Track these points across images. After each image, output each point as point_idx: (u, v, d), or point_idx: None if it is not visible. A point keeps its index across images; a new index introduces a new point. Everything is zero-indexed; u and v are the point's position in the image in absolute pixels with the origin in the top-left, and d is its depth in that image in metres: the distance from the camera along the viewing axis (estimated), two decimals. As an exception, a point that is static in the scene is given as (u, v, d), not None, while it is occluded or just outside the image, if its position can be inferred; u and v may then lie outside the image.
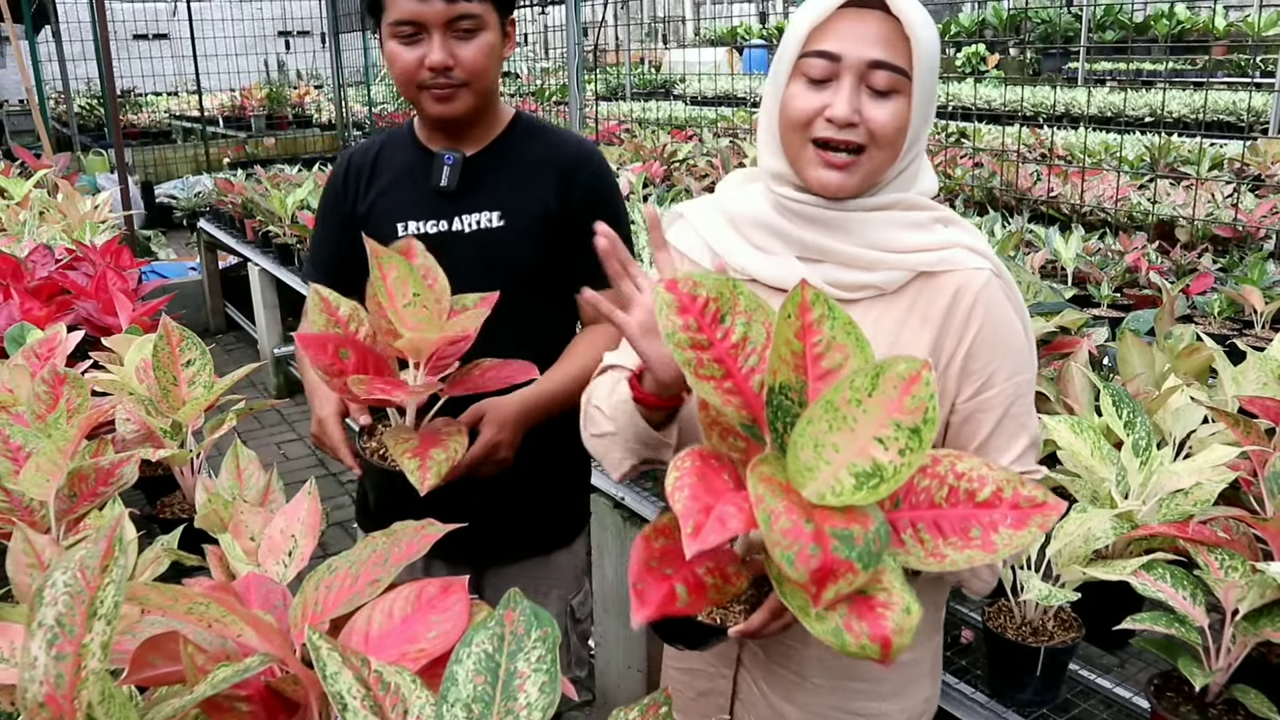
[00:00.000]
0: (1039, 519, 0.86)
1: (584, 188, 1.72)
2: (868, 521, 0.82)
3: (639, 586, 0.87)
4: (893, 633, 0.80)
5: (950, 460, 0.90)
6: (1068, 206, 4.65)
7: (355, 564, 1.07)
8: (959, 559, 0.86)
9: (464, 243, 1.68)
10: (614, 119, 8.21)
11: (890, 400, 0.82)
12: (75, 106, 9.32)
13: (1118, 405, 1.63)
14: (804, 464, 0.84)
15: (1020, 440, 1.21)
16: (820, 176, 1.17)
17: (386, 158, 1.77)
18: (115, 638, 1.11)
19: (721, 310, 0.94)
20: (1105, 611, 1.50)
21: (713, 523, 0.80)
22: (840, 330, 0.90)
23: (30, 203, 3.68)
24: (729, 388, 0.92)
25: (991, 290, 1.20)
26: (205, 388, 1.79)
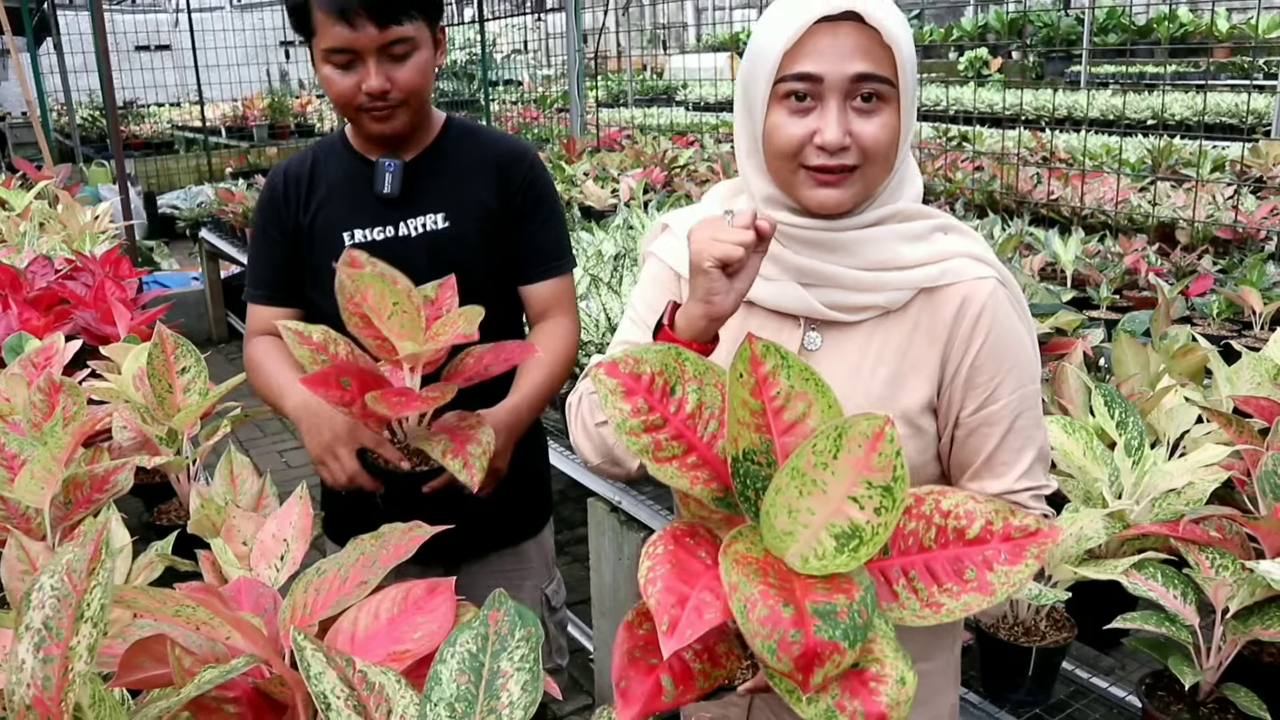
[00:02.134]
0: (1034, 549, 0.83)
1: (522, 184, 1.74)
2: (853, 590, 0.78)
3: (622, 685, 0.82)
4: (888, 708, 0.76)
5: (934, 498, 0.86)
6: (1068, 209, 4.65)
7: (344, 566, 1.08)
8: (955, 606, 0.82)
9: (411, 247, 1.71)
10: (615, 125, 8.22)
11: (858, 459, 0.79)
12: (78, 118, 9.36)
13: (1110, 405, 1.63)
14: (781, 530, 0.81)
15: (1027, 454, 1.18)
16: (817, 196, 1.13)
17: (322, 168, 1.77)
18: (104, 641, 1.12)
19: (670, 382, 0.90)
20: (1100, 612, 1.50)
21: (689, 616, 0.76)
22: (798, 378, 0.86)
23: (31, 214, 3.70)
24: (693, 461, 0.88)
25: (997, 300, 1.17)
26: (200, 395, 1.79)
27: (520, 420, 1.64)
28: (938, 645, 1.30)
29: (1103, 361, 2.27)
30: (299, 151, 1.85)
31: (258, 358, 1.73)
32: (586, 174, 5.81)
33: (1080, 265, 3.38)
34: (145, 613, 0.96)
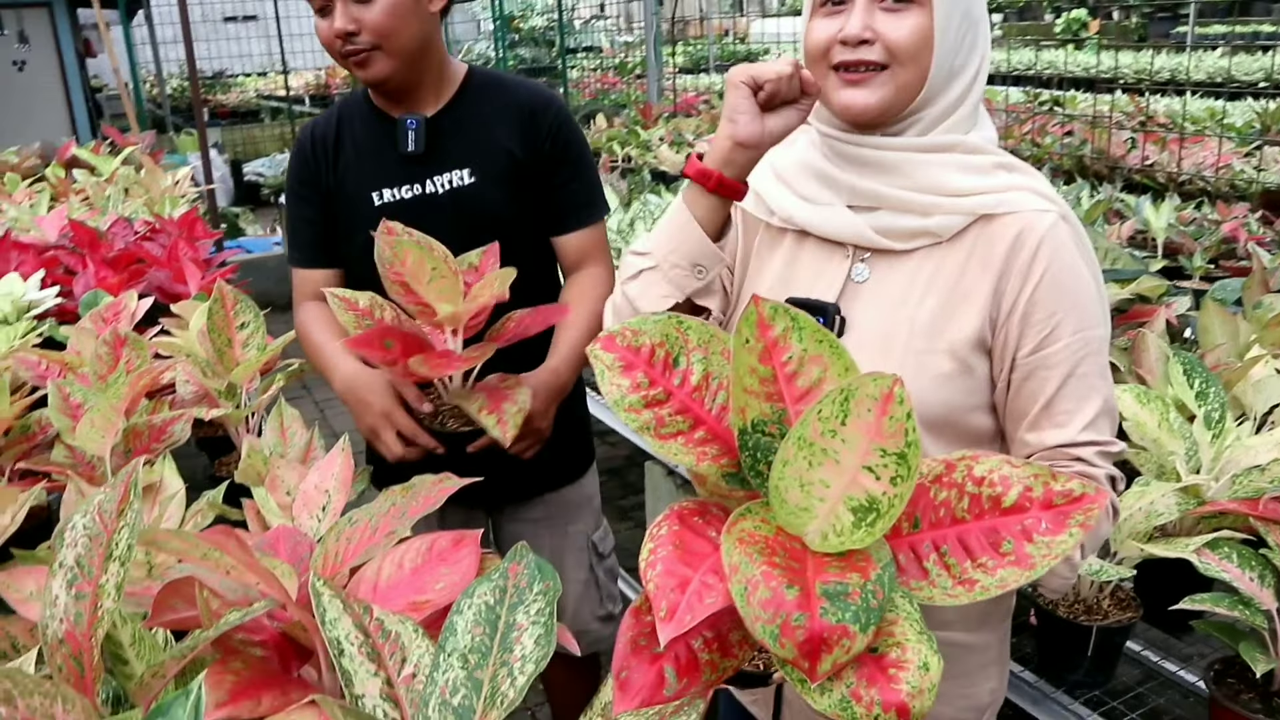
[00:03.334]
0: (1079, 516, 0.75)
1: (549, 132, 1.71)
2: (869, 568, 0.73)
3: (622, 675, 0.76)
4: (909, 697, 0.69)
5: (966, 464, 0.79)
6: (1164, 175, 4.45)
7: (374, 516, 1.08)
8: (990, 583, 0.75)
9: (439, 204, 1.69)
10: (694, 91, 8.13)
11: (868, 425, 0.72)
12: (168, 89, 9.62)
13: (1189, 374, 1.54)
14: (795, 506, 0.75)
15: (1091, 403, 1.09)
16: (842, 99, 1.11)
17: (347, 129, 1.75)
18: (146, 582, 1.14)
19: (672, 353, 0.84)
20: (1171, 593, 1.42)
21: (689, 601, 0.71)
22: (810, 340, 0.79)
23: (116, 179, 3.80)
24: (700, 436, 0.82)
25: (1058, 234, 1.10)
26: (259, 349, 1.82)
27: (561, 380, 1.64)
28: (986, 618, 1.24)
29: (1189, 332, 2.16)
30: (324, 111, 1.84)
31: (305, 327, 1.75)
32: (661, 139, 5.76)
33: (1173, 233, 3.23)
34: (176, 555, 0.96)
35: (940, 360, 1.11)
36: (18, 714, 0.80)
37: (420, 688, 0.84)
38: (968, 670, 1.25)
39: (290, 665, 0.97)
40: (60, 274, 2.59)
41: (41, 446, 1.66)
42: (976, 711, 1.28)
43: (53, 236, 2.97)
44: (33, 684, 0.79)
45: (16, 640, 1.12)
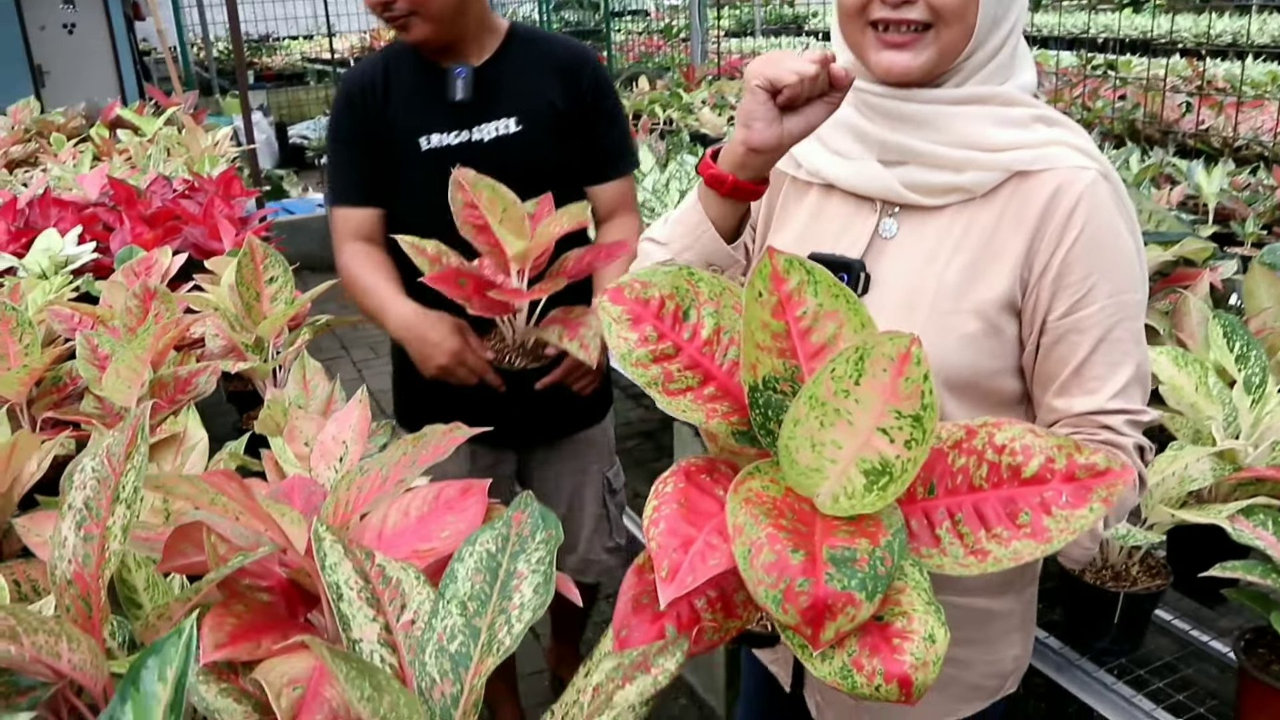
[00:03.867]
0: (1101, 490, 0.72)
1: (589, 86, 1.80)
2: (879, 534, 0.70)
3: (622, 634, 0.75)
4: (912, 668, 0.67)
5: (987, 431, 0.76)
6: (1219, 139, 4.32)
7: (385, 465, 1.07)
8: (1003, 554, 0.72)
9: (485, 151, 1.75)
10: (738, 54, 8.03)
11: (883, 385, 0.70)
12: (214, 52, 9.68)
13: (1229, 337, 1.49)
14: (806, 467, 0.73)
15: (1123, 370, 1.05)
16: (881, 60, 1.06)
17: (394, 75, 1.80)
18: (160, 527, 1.15)
19: (682, 306, 0.82)
20: (1203, 561, 1.39)
21: (691, 561, 0.69)
22: (827, 295, 0.76)
23: (158, 139, 3.84)
24: (710, 393, 0.80)
25: (1097, 192, 1.05)
26: (286, 303, 1.82)
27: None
28: (1009, 584, 1.21)
29: (1235, 298, 2.09)
30: (367, 58, 1.91)
31: (352, 269, 1.80)
32: (704, 102, 5.70)
33: (1225, 198, 3.14)
34: (184, 499, 0.97)
35: (966, 321, 1.07)
36: (24, 651, 0.81)
37: (419, 634, 0.83)
38: (990, 636, 1.22)
39: (297, 610, 0.97)
40: (99, 230, 2.63)
41: (72, 397, 1.68)
42: (999, 678, 1.26)
43: (93, 194, 3.01)
44: (37, 622, 0.80)
45: (38, 584, 1.14)
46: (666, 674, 0.83)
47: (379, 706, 0.69)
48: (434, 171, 1.70)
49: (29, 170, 3.69)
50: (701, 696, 2.53)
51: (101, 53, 9.11)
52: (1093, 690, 1.42)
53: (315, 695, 0.77)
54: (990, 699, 1.27)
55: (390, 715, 0.70)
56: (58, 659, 0.81)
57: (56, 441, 1.36)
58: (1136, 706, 1.38)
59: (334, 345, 5.08)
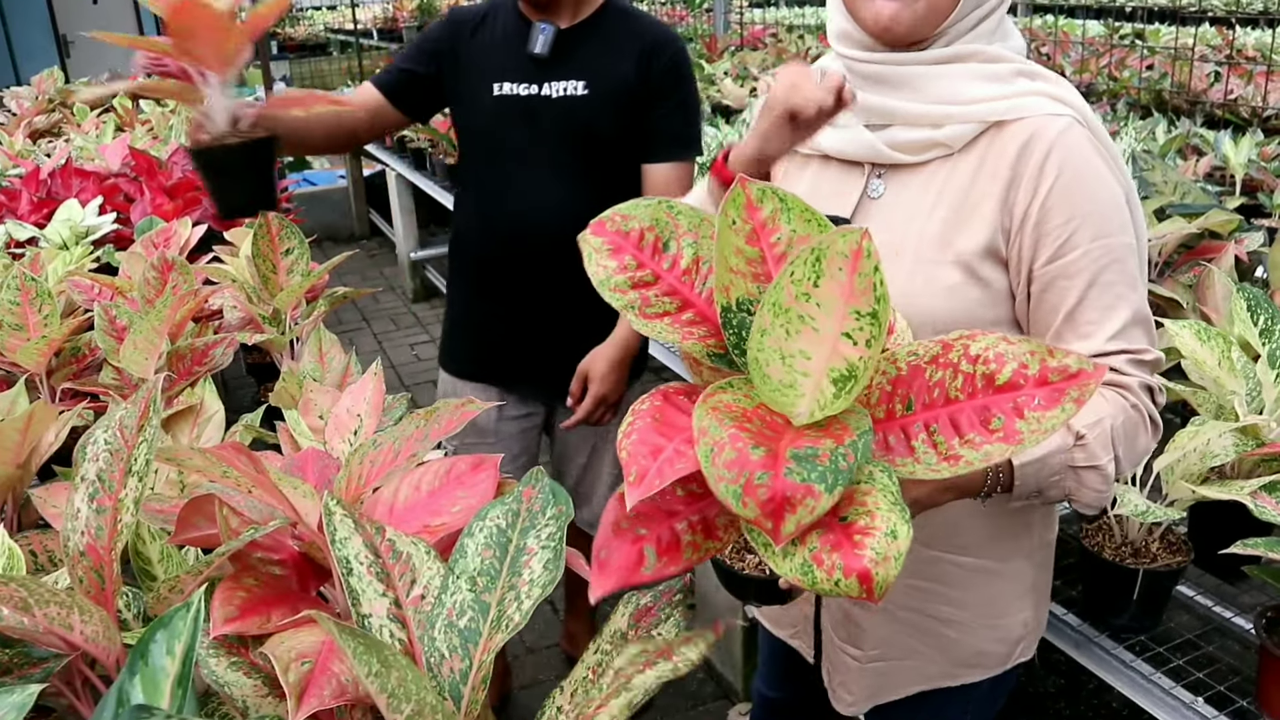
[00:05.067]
0: (1074, 392, 0.72)
1: (664, 68, 1.86)
2: (844, 434, 0.70)
3: (601, 555, 0.75)
4: (871, 563, 0.67)
5: (962, 344, 0.76)
6: (1248, 109, 4.23)
7: (398, 439, 1.07)
8: (975, 457, 0.73)
9: (551, 106, 1.85)
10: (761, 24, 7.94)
11: (841, 285, 0.70)
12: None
13: (1253, 310, 1.47)
14: (779, 382, 0.73)
15: (1118, 313, 1.04)
16: (872, 9, 1.07)
17: (491, 20, 1.92)
18: (175, 500, 1.15)
19: (662, 238, 0.83)
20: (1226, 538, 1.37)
21: (659, 466, 0.70)
22: (799, 220, 0.77)
23: (180, 109, 3.83)
24: (689, 318, 0.81)
25: (1070, 138, 1.05)
26: (303, 275, 1.82)
27: (626, 349, 1.87)
28: (1015, 546, 1.21)
29: (1260, 270, 2.06)
30: (474, 3, 2.02)
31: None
32: (726, 73, 5.64)
33: (1253, 169, 3.07)
34: (198, 472, 0.97)
35: (949, 271, 1.08)
36: (37, 623, 0.81)
37: (428, 609, 0.83)
38: (993, 597, 1.22)
39: (308, 584, 0.98)
40: (120, 201, 2.63)
41: (91, 368, 1.69)
42: (1009, 644, 1.25)
43: (115, 165, 3.02)
44: (49, 594, 0.80)
45: (54, 554, 1.15)
46: (688, 662, 0.83)
47: (387, 682, 0.69)
48: (499, 116, 1.85)
49: (52, 140, 3.70)
50: (719, 670, 2.54)
51: (126, 22, 9.13)
52: (1111, 667, 1.41)
53: (324, 670, 0.77)
54: (1001, 666, 1.26)
55: (398, 690, 0.70)
56: (70, 631, 0.81)
57: (74, 413, 1.37)
58: (1155, 684, 1.37)
59: (355, 317, 5.09)
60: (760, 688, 1.60)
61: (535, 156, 1.88)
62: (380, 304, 5.25)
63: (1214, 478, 1.39)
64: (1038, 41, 5.96)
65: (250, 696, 0.80)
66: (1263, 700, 1.29)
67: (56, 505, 1.15)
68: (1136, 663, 1.41)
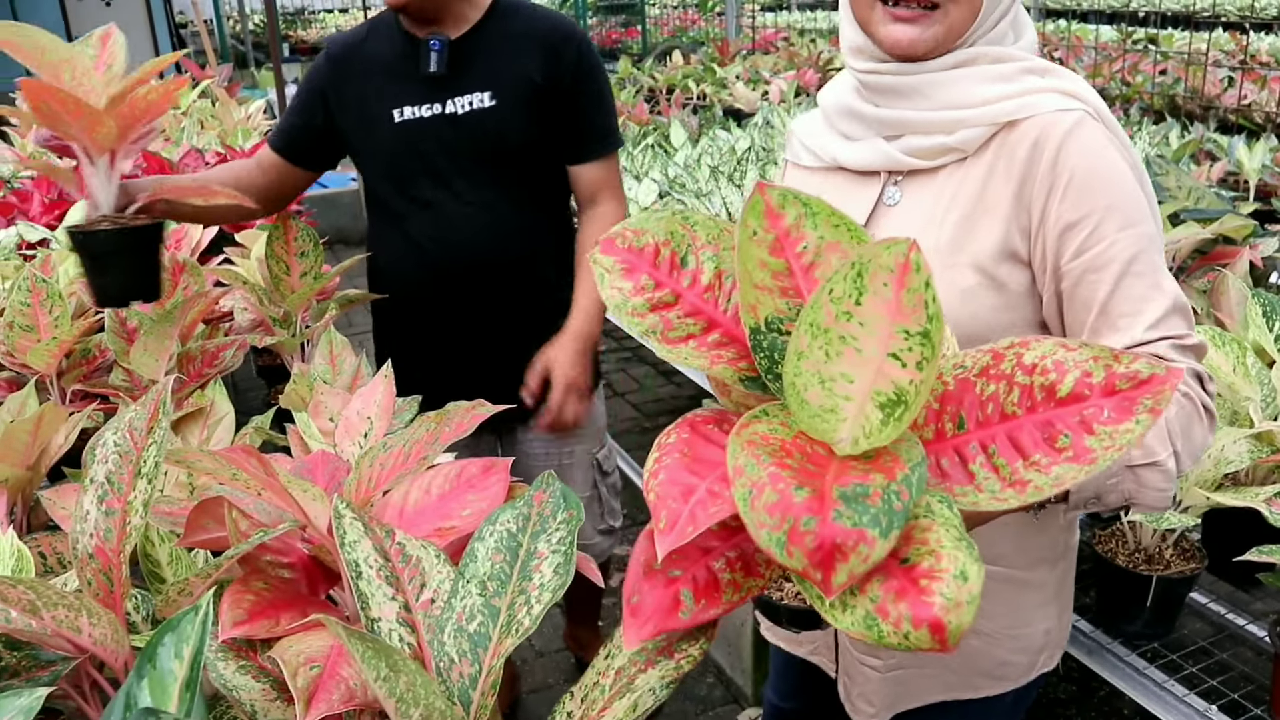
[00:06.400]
0: (1148, 400, 0.64)
1: (570, 62, 1.75)
2: (895, 468, 0.64)
3: (633, 600, 0.69)
4: (943, 610, 0.60)
5: (1014, 353, 0.70)
6: (1261, 114, 4.21)
7: (408, 442, 1.07)
8: (1044, 482, 0.65)
9: (458, 124, 1.73)
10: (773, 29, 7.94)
11: (887, 302, 0.63)
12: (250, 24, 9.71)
13: (1268, 316, 1.46)
14: (819, 407, 0.67)
15: (1154, 303, 1.00)
16: (890, 33, 1.06)
17: (373, 46, 1.79)
18: (184, 502, 1.15)
19: (679, 253, 0.77)
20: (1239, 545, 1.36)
21: (692, 510, 0.64)
22: (827, 226, 0.71)
23: (192, 111, 3.85)
24: (715, 339, 0.74)
25: (1083, 132, 1.03)
26: (315, 277, 1.82)
27: (588, 335, 1.78)
28: (1042, 554, 1.19)
29: (1275, 276, 2.04)
30: (356, 26, 1.90)
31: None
32: (738, 76, 5.64)
33: (1267, 174, 3.06)
34: (207, 474, 0.97)
35: (964, 274, 1.07)
36: (45, 625, 0.81)
37: (438, 613, 0.83)
38: (1020, 608, 1.21)
39: (318, 588, 0.97)
40: (131, 204, 2.64)
41: (101, 370, 1.70)
42: (1031, 653, 1.24)
43: (126, 167, 3.02)
44: (57, 596, 0.80)
45: (63, 556, 1.15)
46: (690, 659, 0.82)
47: (395, 686, 0.69)
48: (405, 143, 1.74)
49: (63, 144, 3.71)
50: (729, 676, 2.53)
51: (138, 25, 9.16)
52: (1123, 674, 1.40)
53: (332, 674, 0.76)
54: (1024, 677, 1.24)
55: (407, 695, 0.69)
56: (78, 633, 0.81)
57: (84, 414, 1.37)
58: (1168, 691, 1.36)
59: (365, 320, 5.07)
60: (771, 697, 1.59)
61: (451, 178, 1.76)
62: (390, 307, 5.24)
63: (1228, 484, 1.38)
64: (1050, 46, 5.95)
65: (259, 701, 0.80)
66: (1277, 708, 1.28)
67: (66, 507, 1.15)
68: (1149, 669, 1.40)
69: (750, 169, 2.65)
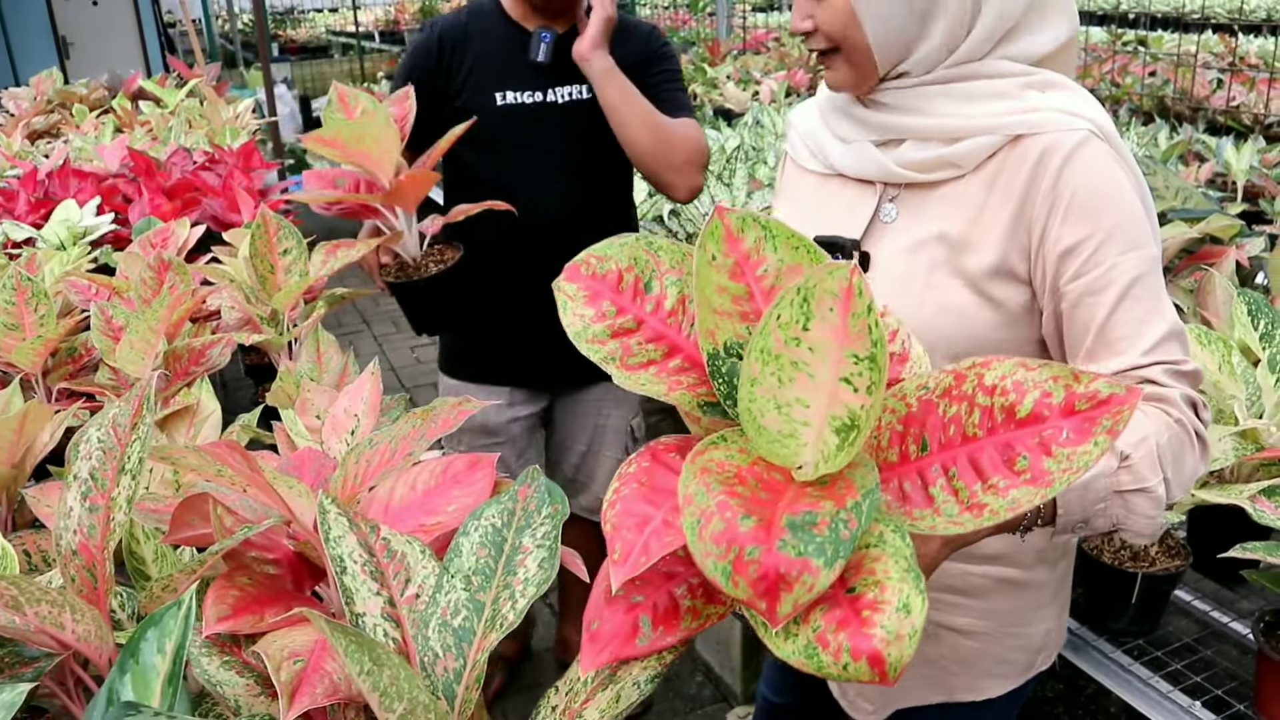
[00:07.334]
0: (1106, 421, 0.64)
1: (651, 51, 1.92)
2: (846, 495, 0.64)
3: (593, 627, 0.69)
4: (883, 643, 0.60)
5: (976, 373, 0.70)
6: (1250, 116, 4.23)
7: (394, 439, 1.07)
8: (1000, 505, 0.65)
9: (557, 113, 1.90)
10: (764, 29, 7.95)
11: (834, 327, 0.63)
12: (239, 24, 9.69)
13: (1253, 314, 1.47)
14: (777, 433, 0.66)
15: (1152, 327, 0.99)
16: (825, 77, 1.14)
17: (477, 32, 1.92)
18: (169, 498, 1.15)
19: (643, 278, 0.76)
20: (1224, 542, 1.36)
21: (646, 540, 0.64)
22: (786, 249, 0.71)
23: (180, 110, 3.84)
24: (677, 365, 0.74)
25: (1088, 151, 1.02)
26: (301, 275, 1.82)
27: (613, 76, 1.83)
28: (1042, 555, 1.19)
29: (1261, 276, 2.05)
30: (451, 13, 2.02)
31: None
32: (728, 76, 5.64)
33: (1254, 176, 3.07)
34: (192, 471, 0.97)
35: (960, 294, 1.06)
36: (28, 622, 0.81)
37: (423, 608, 0.83)
38: (1018, 608, 1.21)
39: (303, 584, 0.97)
40: (118, 202, 2.63)
41: (87, 368, 1.69)
42: (1029, 653, 1.24)
43: (113, 165, 3.01)
44: (40, 592, 0.80)
45: (48, 554, 1.15)
46: (672, 651, 0.82)
47: (379, 680, 0.69)
48: (507, 126, 1.87)
49: (51, 141, 3.70)
50: (718, 674, 2.53)
51: (126, 24, 9.13)
52: (1109, 671, 1.41)
53: (316, 668, 0.76)
54: (1021, 676, 1.25)
55: (390, 689, 0.69)
56: (61, 629, 0.81)
57: (69, 412, 1.37)
58: (1153, 688, 1.37)
59: (355, 320, 5.09)
60: (765, 692, 1.59)
61: (545, 163, 1.90)
62: (380, 306, 5.25)
63: (1213, 482, 1.38)
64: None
65: (242, 696, 0.80)
66: (1260, 704, 1.29)
67: (50, 505, 1.15)
68: (1134, 667, 1.40)
69: (739, 167, 2.66)
